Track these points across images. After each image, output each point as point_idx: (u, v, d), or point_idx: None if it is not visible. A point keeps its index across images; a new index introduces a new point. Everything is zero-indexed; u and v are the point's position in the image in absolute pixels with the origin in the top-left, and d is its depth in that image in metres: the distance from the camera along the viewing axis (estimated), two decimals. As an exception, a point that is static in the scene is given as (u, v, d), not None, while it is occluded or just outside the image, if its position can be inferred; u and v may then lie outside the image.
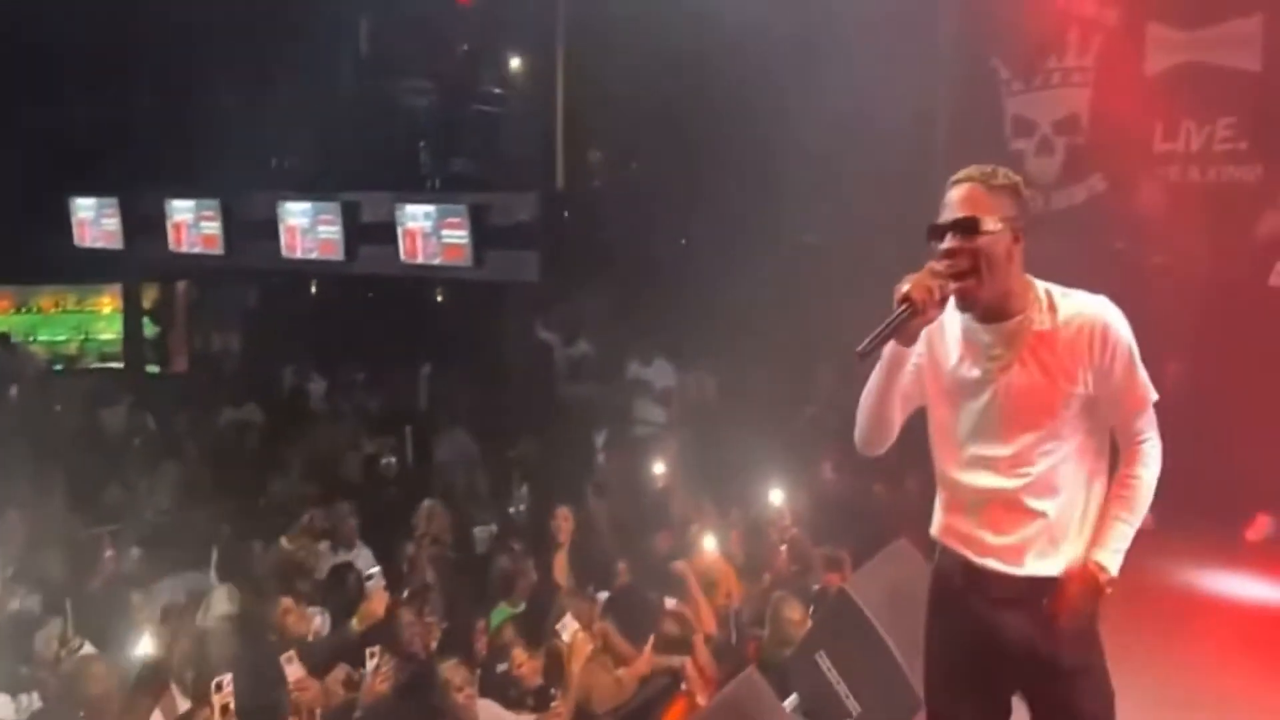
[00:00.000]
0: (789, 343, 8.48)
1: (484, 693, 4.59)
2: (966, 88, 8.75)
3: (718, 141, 9.26)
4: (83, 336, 15.07)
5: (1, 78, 11.81)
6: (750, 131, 8.95)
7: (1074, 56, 8.31)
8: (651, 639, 4.91)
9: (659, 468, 7.05)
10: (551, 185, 9.71)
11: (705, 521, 6.09)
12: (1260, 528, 6.61)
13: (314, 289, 13.87)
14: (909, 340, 2.47)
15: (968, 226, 2.47)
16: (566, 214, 9.36)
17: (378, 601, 5.00)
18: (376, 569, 5.48)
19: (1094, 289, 2.59)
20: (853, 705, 4.17)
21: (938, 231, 2.50)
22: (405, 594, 5.32)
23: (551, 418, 8.74)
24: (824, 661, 4.20)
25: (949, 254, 2.48)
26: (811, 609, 4.66)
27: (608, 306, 9.50)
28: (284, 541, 6.11)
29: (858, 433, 2.68)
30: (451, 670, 4.38)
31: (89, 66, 12.05)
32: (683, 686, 5.09)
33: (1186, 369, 6.55)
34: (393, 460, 7.92)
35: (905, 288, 2.41)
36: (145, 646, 4.34)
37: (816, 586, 5.33)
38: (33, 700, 4.52)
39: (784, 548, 6.01)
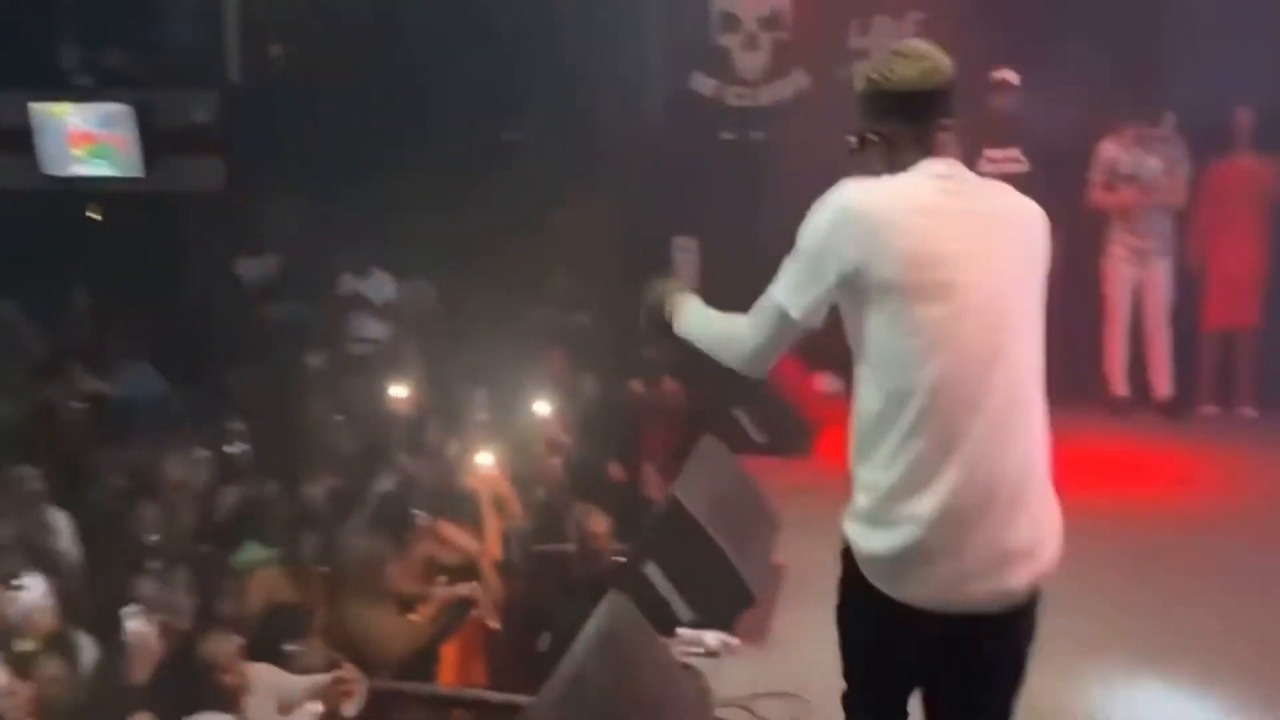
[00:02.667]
0: (513, 245, 8.10)
1: (256, 656, 3.97)
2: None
3: (415, 35, 8.54)
4: None
5: None
6: (448, 21, 8.31)
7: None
8: (442, 580, 4.53)
9: (397, 387, 6.50)
10: (228, 81, 8.59)
11: (465, 439, 5.66)
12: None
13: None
14: None
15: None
16: (250, 113, 8.32)
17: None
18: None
19: (806, 183, 2.40)
20: (684, 611, 4.00)
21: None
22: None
23: (254, 342, 7.82)
24: (654, 572, 3.99)
25: None
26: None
27: (308, 216, 8.59)
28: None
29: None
30: (215, 646, 3.74)
31: None
32: (472, 612, 4.77)
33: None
34: (74, 405, 6.74)
35: None
36: None
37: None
38: None
39: (557, 460, 5.74)
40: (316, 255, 8.45)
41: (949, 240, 2.08)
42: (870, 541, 2.13)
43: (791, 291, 2.20)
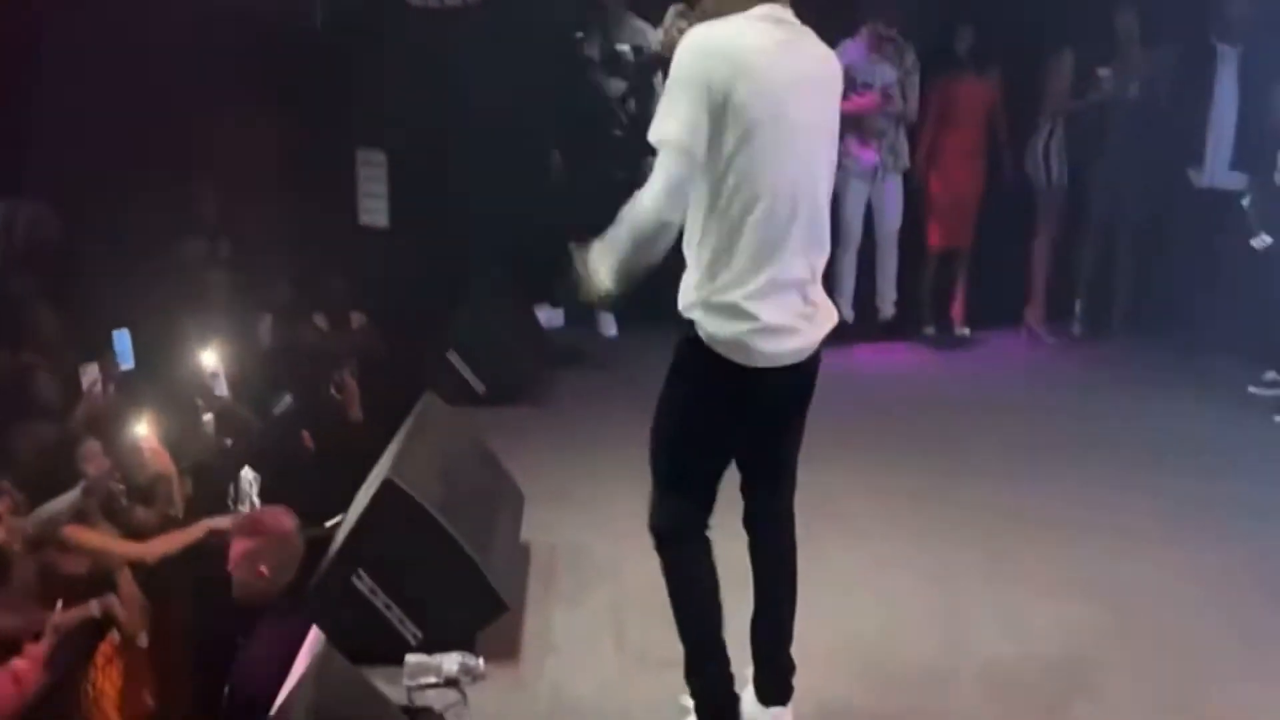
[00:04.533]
0: (155, 160, 6.53)
1: None
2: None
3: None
4: None
5: None
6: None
7: None
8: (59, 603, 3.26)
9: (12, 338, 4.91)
10: None
11: (101, 403, 4.28)
12: None
13: None
14: None
15: None
16: None
17: None
18: None
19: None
20: (411, 630, 3.01)
21: None
22: None
23: None
24: (364, 583, 2.96)
25: None
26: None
27: None
28: None
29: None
30: None
31: None
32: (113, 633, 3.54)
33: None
34: None
35: None
36: None
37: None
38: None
39: (209, 417, 4.50)
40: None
41: (784, 77, 2.46)
42: (718, 326, 2.51)
43: (678, 123, 2.41)
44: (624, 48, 6.19)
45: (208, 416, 4.52)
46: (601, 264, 2.51)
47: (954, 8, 6.38)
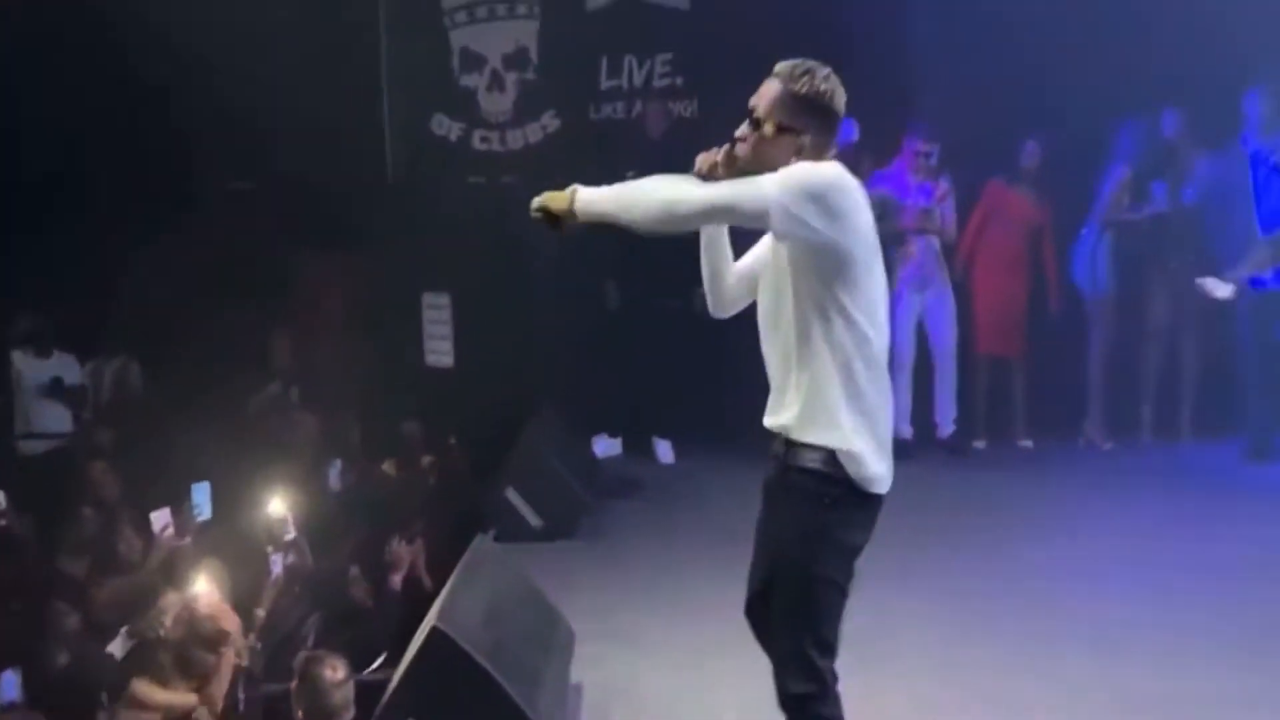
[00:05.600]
0: (233, 311, 6.91)
1: None
2: (407, 18, 7.80)
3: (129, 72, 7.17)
4: None
5: None
6: (162, 58, 7.02)
7: (514, -13, 7.80)
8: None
9: (84, 491, 5.16)
10: None
11: (175, 553, 4.46)
12: None
13: None
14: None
15: (749, 115, 2.61)
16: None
17: None
18: None
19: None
20: (460, 776, 3.07)
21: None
22: None
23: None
24: (416, 728, 3.04)
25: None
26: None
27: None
28: None
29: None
30: None
31: None
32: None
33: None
34: None
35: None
36: None
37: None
38: None
39: (278, 571, 4.63)
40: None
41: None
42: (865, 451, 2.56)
43: (785, 190, 2.45)
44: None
45: (276, 563, 4.67)
46: (582, 199, 2.50)
47: (1019, 120, 6.47)
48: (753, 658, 2.75)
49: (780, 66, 2.61)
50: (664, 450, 6.54)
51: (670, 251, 6.38)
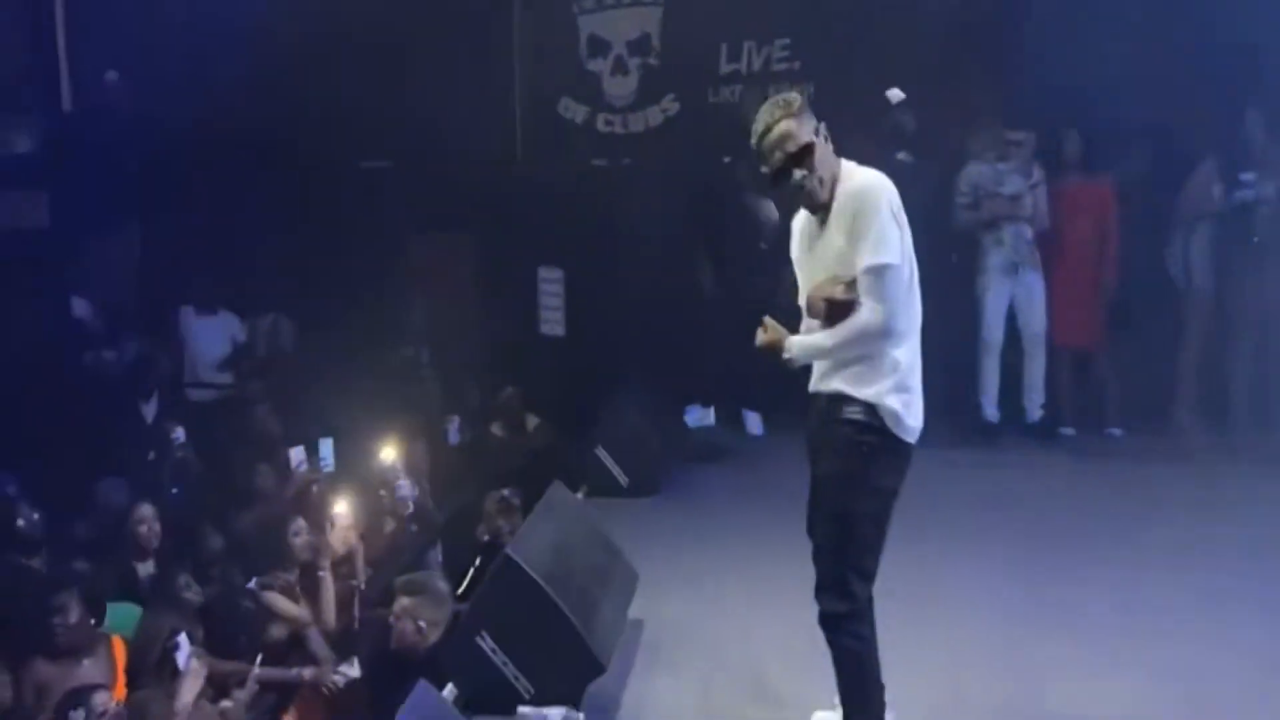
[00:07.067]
0: (371, 276, 7.61)
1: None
2: (538, 6, 8.30)
3: (264, 60, 7.95)
4: None
5: None
6: (300, 46, 7.76)
7: (641, -25, 8.13)
8: (259, 657, 4.00)
9: (243, 436, 5.90)
10: (55, 106, 7.90)
11: (322, 488, 5.11)
12: None
13: None
14: None
15: (800, 157, 3.05)
16: (80, 143, 7.63)
17: None
18: None
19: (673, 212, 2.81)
20: (524, 685, 3.58)
21: (778, 176, 3.09)
22: None
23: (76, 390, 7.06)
24: (486, 643, 3.56)
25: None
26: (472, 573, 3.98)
27: (146, 251, 7.92)
28: None
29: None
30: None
31: None
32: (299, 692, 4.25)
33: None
34: None
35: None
36: None
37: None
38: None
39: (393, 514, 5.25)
40: (153, 293, 7.79)
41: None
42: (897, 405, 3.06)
43: (886, 246, 2.98)
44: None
45: (391, 506, 5.28)
46: (790, 349, 3.07)
47: (1064, 109, 6.51)
48: (801, 609, 3.17)
49: (763, 114, 3.09)
50: (753, 422, 6.92)
51: (764, 241, 6.82)
